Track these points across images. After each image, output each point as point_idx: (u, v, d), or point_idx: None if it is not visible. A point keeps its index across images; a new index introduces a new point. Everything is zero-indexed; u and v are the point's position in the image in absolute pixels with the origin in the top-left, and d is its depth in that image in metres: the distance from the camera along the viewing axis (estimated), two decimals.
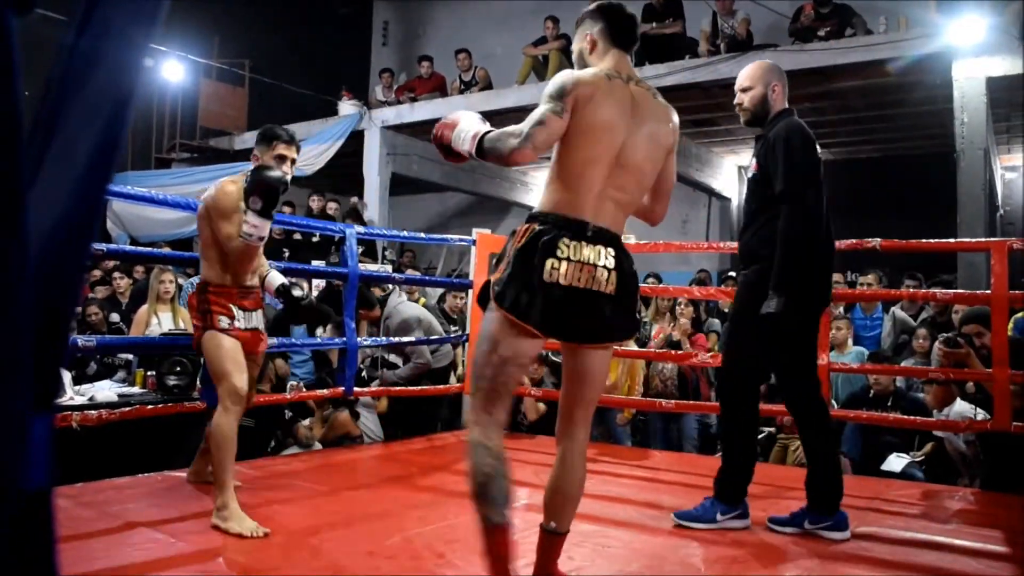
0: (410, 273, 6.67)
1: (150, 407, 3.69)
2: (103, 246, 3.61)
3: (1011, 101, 6.86)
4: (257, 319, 3.14)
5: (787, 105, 3.07)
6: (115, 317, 6.12)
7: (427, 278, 7.16)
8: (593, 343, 2.05)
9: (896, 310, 5.97)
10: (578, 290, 1.93)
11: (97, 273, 7.66)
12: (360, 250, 7.99)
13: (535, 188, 11.87)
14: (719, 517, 3.04)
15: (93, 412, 3.38)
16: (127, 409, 3.52)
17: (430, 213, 11.96)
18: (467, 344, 5.03)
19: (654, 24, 8.14)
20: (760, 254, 2.94)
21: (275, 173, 2.82)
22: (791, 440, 4.97)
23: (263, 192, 2.77)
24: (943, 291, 4.46)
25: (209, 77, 10.52)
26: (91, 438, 3.60)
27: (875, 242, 4.17)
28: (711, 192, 10.55)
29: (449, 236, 5.37)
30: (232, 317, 3.00)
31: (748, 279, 3.01)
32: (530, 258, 1.93)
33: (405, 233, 5.00)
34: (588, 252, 1.94)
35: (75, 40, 0.59)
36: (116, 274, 6.90)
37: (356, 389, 4.48)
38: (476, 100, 8.65)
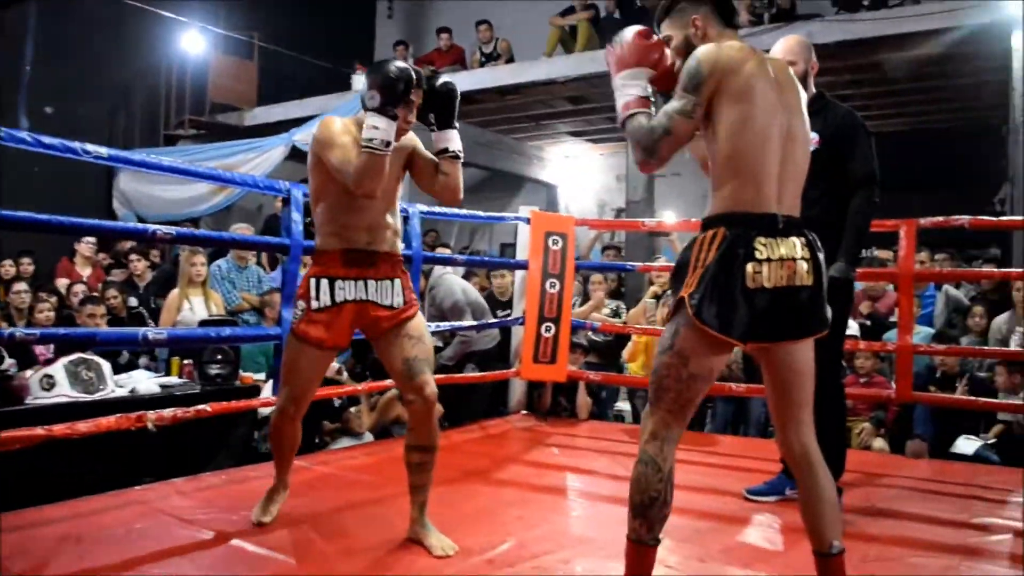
0: (450, 254, 6.40)
1: (233, 403, 3.50)
2: (172, 230, 3.33)
3: None
4: (380, 289, 2.49)
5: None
6: (133, 301, 5.88)
7: (485, 259, 6.90)
8: (799, 338, 1.92)
9: (949, 288, 5.84)
10: (782, 289, 1.83)
11: (103, 256, 7.39)
12: None
13: (550, 163, 11.64)
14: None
15: (167, 411, 3.15)
16: (202, 407, 3.28)
17: None
18: (523, 327, 4.81)
19: None
20: (832, 230, 2.91)
21: (396, 64, 2.31)
22: (855, 423, 4.82)
23: (381, 84, 2.25)
24: None
25: (218, 51, 10.15)
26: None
27: (964, 220, 4.00)
28: None
29: (505, 215, 5.13)
30: (308, 299, 2.46)
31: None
32: (728, 266, 1.81)
33: (464, 212, 4.75)
34: (784, 248, 1.84)
35: None
36: (133, 256, 6.62)
37: None
38: (503, 73, 8.39)
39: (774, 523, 2.94)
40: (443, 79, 2.48)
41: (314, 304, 2.46)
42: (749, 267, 1.80)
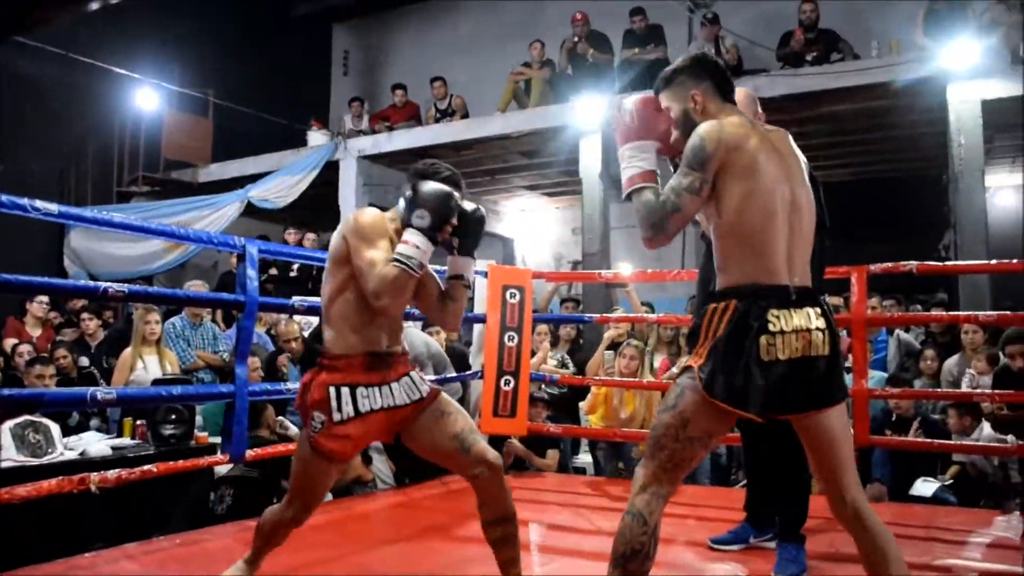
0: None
1: (180, 462, 3.39)
2: (124, 287, 3.25)
3: (995, 124, 6.96)
4: (402, 389, 2.31)
5: None
6: (84, 361, 5.74)
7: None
8: (819, 408, 1.90)
9: (900, 332, 5.97)
10: (798, 360, 1.83)
11: (55, 315, 7.21)
12: None
13: (506, 217, 11.73)
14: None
15: (111, 472, 3.05)
16: (148, 467, 3.18)
17: None
18: (482, 380, 4.78)
19: (636, 50, 8.11)
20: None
21: (448, 188, 2.23)
22: None
23: (435, 207, 2.16)
24: (986, 313, 4.40)
25: (172, 107, 10.13)
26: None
27: (911, 265, 4.11)
28: None
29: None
30: (328, 409, 2.23)
31: None
32: (740, 339, 1.82)
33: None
34: (798, 318, 1.85)
35: None
36: (85, 315, 6.48)
37: None
38: (458, 128, 8.49)
39: (740, 571, 2.93)
40: (475, 207, 2.35)
41: (336, 416, 2.22)
42: (763, 339, 1.81)
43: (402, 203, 2.25)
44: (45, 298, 6.58)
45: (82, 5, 1.75)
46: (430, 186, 2.22)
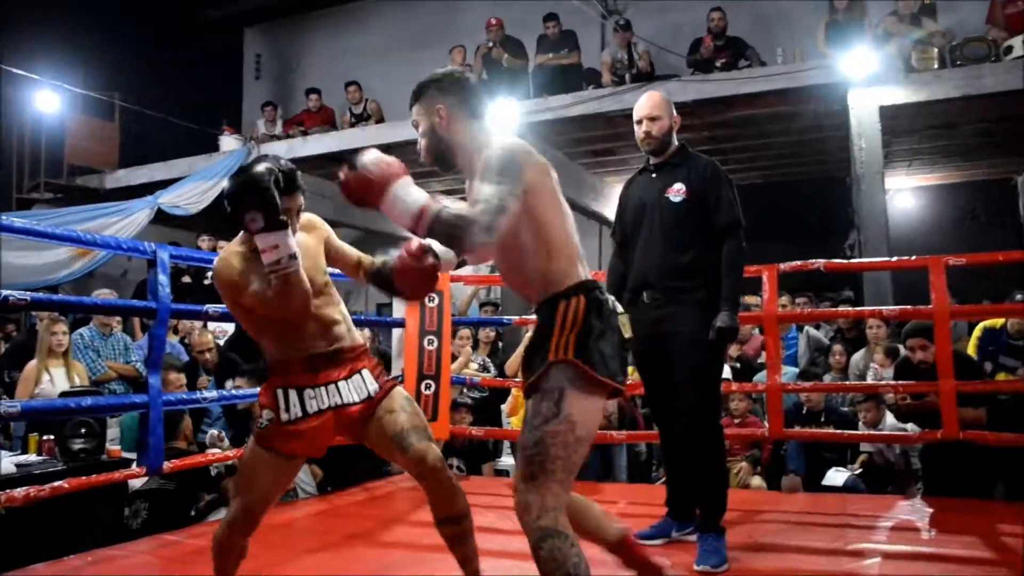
0: None
1: (94, 477, 3.26)
2: (26, 295, 3.12)
3: (893, 129, 7.32)
4: (351, 387, 2.31)
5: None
6: None
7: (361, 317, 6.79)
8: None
9: (810, 329, 6.19)
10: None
11: None
12: None
13: None
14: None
15: (19, 491, 2.91)
16: (59, 484, 3.05)
17: None
18: (402, 385, 4.76)
19: (551, 55, 8.21)
20: (706, 276, 3.08)
21: (258, 168, 2.15)
22: (733, 463, 4.97)
23: (256, 202, 2.10)
24: (889, 308, 4.61)
25: (76, 111, 9.76)
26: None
27: (819, 263, 4.27)
28: (603, 220, 10.69)
29: None
30: (276, 408, 2.26)
31: (701, 299, 3.07)
32: (605, 323, 1.93)
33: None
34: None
35: None
36: None
37: None
38: (374, 133, 8.41)
39: (664, 564, 2.98)
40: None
41: (284, 416, 2.25)
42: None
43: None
44: None
45: None
46: (236, 186, 2.15)
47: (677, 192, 3.12)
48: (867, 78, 6.60)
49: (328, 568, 3.00)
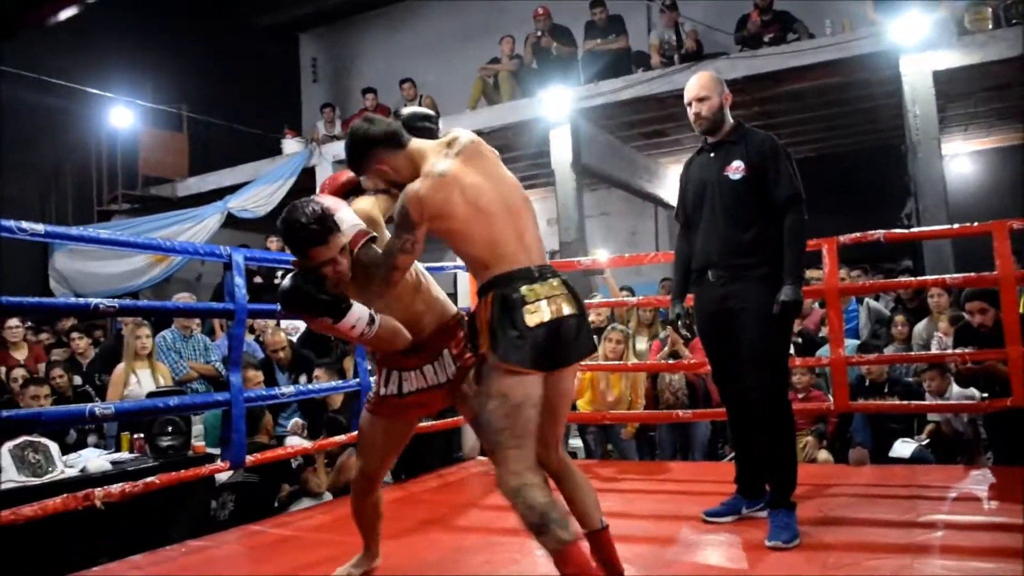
0: None
1: (182, 472, 3.44)
2: (114, 302, 3.31)
3: (948, 93, 7.17)
4: (436, 370, 2.51)
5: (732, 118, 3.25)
6: (78, 380, 5.80)
7: None
8: (574, 362, 2.23)
9: (870, 300, 6.13)
10: (555, 322, 2.11)
11: (46, 336, 7.27)
12: None
13: None
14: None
15: (115, 487, 3.08)
16: (151, 480, 3.24)
17: None
18: None
19: (599, 40, 8.24)
20: (769, 251, 3.06)
21: (286, 282, 2.27)
22: (799, 438, 4.98)
23: (309, 312, 2.26)
24: (952, 276, 4.55)
25: (147, 124, 10.18)
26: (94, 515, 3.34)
27: (879, 234, 4.23)
28: (658, 202, 10.69)
29: (444, 264, 5.19)
30: (379, 384, 2.56)
31: (764, 275, 3.06)
32: (510, 315, 2.09)
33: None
34: (544, 288, 2.13)
35: None
36: (74, 334, 6.52)
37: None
38: None
39: (735, 542, 3.01)
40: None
41: (382, 391, 2.54)
42: (525, 310, 2.08)
43: None
44: (15, 321, 6.53)
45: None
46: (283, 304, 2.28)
47: (736, 170, 3.11)
48: (919, 43, 6.48)
49: (405, 554, 3.06)
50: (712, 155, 3.22)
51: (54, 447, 3.77)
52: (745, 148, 3.12)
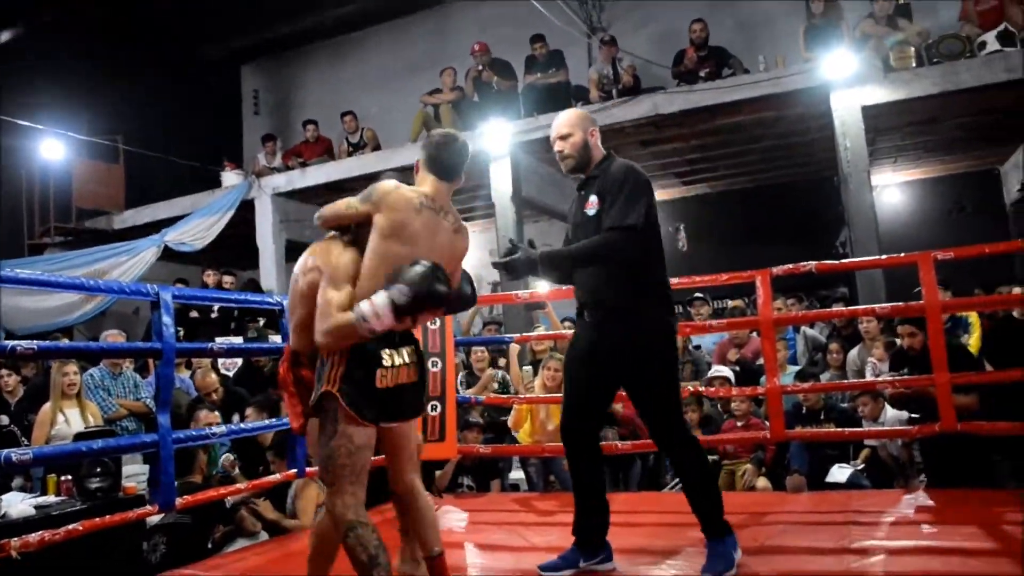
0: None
1: (107, 518, 3.31)
2: (34, 344, 3.22)
3: (877, 127, 7.42)
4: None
5: (604, 151, 3.12)
6: (3, 419, 5.57)
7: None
8: (410, 419, 2.53)
9: (806, 329, 6.26)
10: (397, 387, 2.39)
11: None
12: (262, 321, 7.73)
13: None
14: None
15: (34, 535, 2.98)
16: (73, 526, 3.12)
17: None
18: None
19: (538, 74, 8.34)
20: (631, 287, 2.94)
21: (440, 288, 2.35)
22: (737, 465, 5.04)
23: (414, 297, 2.31)
24: (881, 306, 4.67)
25: (81, 155, 9.97)
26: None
27: (811, 265, 4.34)
28: None
29: None
30: None
31: (632, 313, 2.94)
32: (366, 371, 2.33)
33: None
34: (399, 357, 2.39)
35: None
36: (2, 371, 6.26)
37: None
38: (371, 160, 8.56)
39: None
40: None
41: None
42: (378, 372, 2.34)
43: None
44: None
45: None
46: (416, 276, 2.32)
47: (591, 205, 2.97)
48: (848, 79, 6.73)
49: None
50: (582, 192, 3.08)
51: None
52: (601, 181, 2.98)
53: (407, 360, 2.41)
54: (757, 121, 7.58)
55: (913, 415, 4.47)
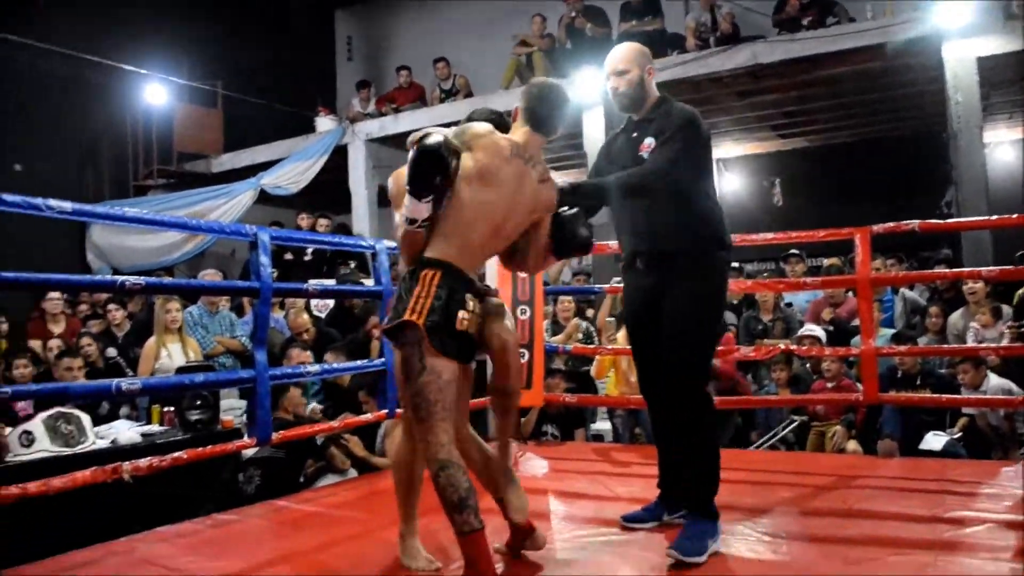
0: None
1: (209, 448, 3.48)
2: (141, 280, 3.35)
3: (992, 80, 7.00)
4: None
5: (659, 93, 2.96)
6: (111, 351, 5.90)
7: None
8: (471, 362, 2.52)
9: (905, 291, 6.05)
10: (467, 333, 2.37)
11: (84, 307, 7.39)
12: (353, 264, 7.89)
13: None
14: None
15: (143, 461, 3.13)
16: (178, 455, 3.28)
17: None
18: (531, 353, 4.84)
19: (634, 22, 8.14)
20: (689, 233, 2.82)
21: (429, 140, 2.28)
22: (827, 427, 4.96)
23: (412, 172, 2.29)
24: (988, 269, 4.46)
25: (182, 100, 10.29)
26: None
27: (913, 224, 4.15)
28: None
29: None
30: None
31: (691, 259, 2.81)
32: (446, 312, 2.30)
33: None
34: (475, 306, 2.39)
35: None
36: (111, 306, 6.61)
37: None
38: (463, 108, 8.53)
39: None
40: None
41: None
42: (460, 314, 2.31)
43: None
44: (56, 294, 6.65)
45: None
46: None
47: (647, 148, 2.82)
48: (962, 29, 6.36)
49: (431, 531, 3.08)
50: (634, 134, 2.92)
51: (86, 418, 3.82)
52: (660, 124, 2.82)
53: (476, 310, 2.40)
54: (862, 72, 7.23)
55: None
